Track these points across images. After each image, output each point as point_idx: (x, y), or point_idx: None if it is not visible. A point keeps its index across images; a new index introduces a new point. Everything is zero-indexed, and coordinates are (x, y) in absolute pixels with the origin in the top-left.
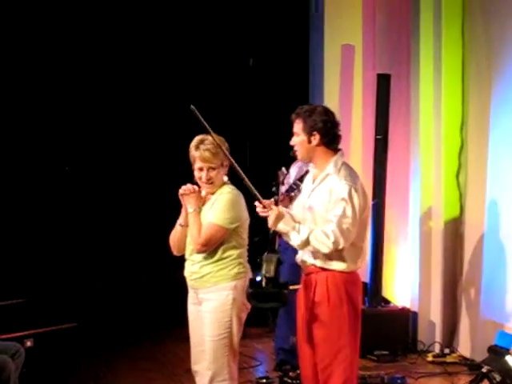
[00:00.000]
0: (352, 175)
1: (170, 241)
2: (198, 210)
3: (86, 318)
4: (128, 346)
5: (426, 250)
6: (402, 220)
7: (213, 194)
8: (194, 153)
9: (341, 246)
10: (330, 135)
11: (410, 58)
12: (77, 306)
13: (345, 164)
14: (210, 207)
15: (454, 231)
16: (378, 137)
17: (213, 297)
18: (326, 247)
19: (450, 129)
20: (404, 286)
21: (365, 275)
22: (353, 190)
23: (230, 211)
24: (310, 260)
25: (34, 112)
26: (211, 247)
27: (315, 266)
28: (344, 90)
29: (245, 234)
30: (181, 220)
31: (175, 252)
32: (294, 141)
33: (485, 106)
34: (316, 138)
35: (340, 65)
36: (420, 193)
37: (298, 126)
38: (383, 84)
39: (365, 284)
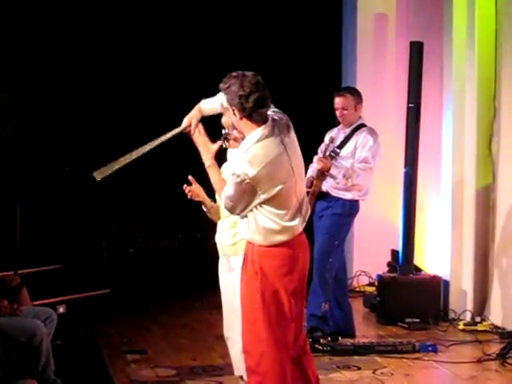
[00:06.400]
0: (256, 151)
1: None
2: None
3: (119, 285)
4: (160, 312)
5: (458, 219)
6: (434, 188)
7: None
8: None
9: (224, 208)
10: (246, 109)
11: (443, 25)
12: (110, 272)
13: (260, 140)
14: None
15: (486, 199)
16: (410, 105)
17: None
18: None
19: (483, 97)
20: (436, 254)
21: (396, 244)
22: (243, 166)
23: None
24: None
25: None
26: None
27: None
28: (377, 58)
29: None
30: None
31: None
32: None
33: None
34: (236, 113)
35: (373, 34)
36: (452, 161)
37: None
38: (416, 52)
39: (396, 252)
